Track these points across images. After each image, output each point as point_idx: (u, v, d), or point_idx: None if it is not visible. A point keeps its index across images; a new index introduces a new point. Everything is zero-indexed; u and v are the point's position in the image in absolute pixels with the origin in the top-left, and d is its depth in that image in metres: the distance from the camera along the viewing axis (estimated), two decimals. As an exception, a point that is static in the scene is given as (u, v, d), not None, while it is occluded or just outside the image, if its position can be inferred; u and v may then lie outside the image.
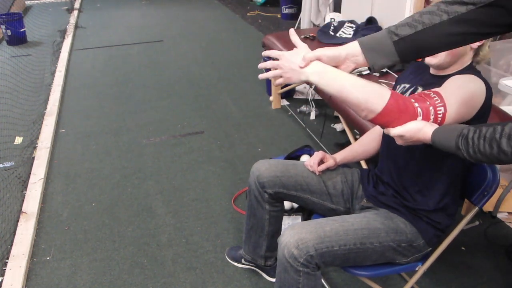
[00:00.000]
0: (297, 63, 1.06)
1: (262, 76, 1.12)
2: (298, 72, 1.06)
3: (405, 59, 1.02)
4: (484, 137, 0.92)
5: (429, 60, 1.30)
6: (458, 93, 1.14)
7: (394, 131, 1.07)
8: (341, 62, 1.05)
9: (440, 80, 1.27)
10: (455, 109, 1.10)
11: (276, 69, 1.11)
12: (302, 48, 1.08)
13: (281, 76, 1.10)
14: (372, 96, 1.02)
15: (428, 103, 1.06)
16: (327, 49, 1.05)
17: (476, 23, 0.94)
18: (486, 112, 1.23)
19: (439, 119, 1.08)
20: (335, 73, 1.04)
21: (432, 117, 1.06)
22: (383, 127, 1.09)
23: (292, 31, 1.14)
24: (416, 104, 1.05)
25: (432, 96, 1.08)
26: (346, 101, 1.05)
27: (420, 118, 1.05)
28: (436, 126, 1.05)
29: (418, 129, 1.04)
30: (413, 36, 0.98)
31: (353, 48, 1.03)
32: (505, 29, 0.96)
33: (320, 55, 1.05)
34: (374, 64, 1.02)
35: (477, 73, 1.26)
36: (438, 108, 1.07)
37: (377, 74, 2.43)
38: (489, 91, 1.22)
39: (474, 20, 0.94)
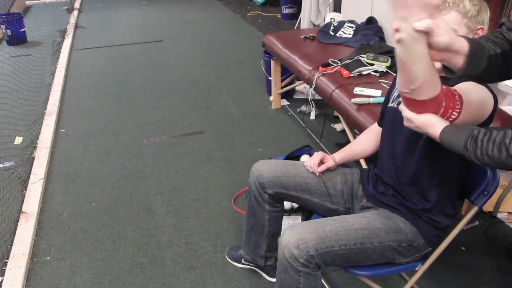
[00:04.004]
0: (415, 13, 0.89)
1: None
2: (404, 17, 0.90)
3: (482, 77, 0.99)
4: (494, 141, 0.90)
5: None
6: (473, 102, 1.12)
7: (409, 115, 1.05)
8: (442, 50, 0.94)
9: (442, 81, 1.26)
10: (466, 118, 1.10)
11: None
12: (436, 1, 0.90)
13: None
14: (429, 85, 0.98)
15: (451, 104, 1.05)
16: (445, 32, 0.92)
17: None
18: (489, 122, 1.23)
19: (449, 121, 1.07)
20: (423, 50, 0.93)
21: (445, 118, 1.06)
22: (405, 104, 1.07)
23: None
24: (444, 103, 1.04)
25: (457, 98, 1.06)
26: (406, 72, 0.97)
27: (439, 115, 1.04)
28: (447, 123, 1.04)
29: (432, 124, 1.03)
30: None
31: (463, 48, 0.94)
32: None
33: (434, 34, 0.91)
34: (464, 70, 0.96)
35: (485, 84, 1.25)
36: (454, 113, 1.05)
37: (377, 74, 2.44)
38: (496, 102, 1.21)
39: None
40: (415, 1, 0.88)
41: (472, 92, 1.15)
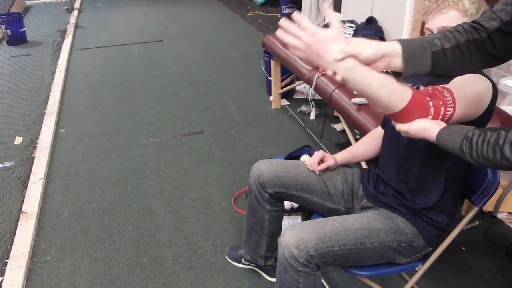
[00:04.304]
0: (329, 51, 0.93)
1: (279, 34, 0.97)
2: (326, 61, 0.95)
3: (435, 73, 1.00)
4: (488, 142, 0.92)
5: None
6: (468, 94, 1.13)
7: (401, 127, 1.06)
8: (375, 60, 0.97)
9: (442, 79, 1.27)
10: (463, 110, 1.10)
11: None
12: (337, 32, 0.95)
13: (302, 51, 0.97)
14: (395, 96, 0.99)
15: (440, 102, 1.05)
16: (366, 45, 0.95)
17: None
18: (490, 111, 1.23)
19: (446, 118, 1.07)
20: (365, 71, 0.96)
21: (440, 116, 1.06)
22: (392, 120, 1.08)
23: (326, 5, 1.05)
24: (430, 103, 1.04)
25: (446, 95, 1.07)
26: (367, 97, 1.01)
27: (430, 117, 1.05)
28: (443, 124, 1.05)
29: (425, 128, 1.04)
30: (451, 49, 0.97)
31: (394, 49, 0.96)
32: None
33: (358, 53, 0.95)
34: (407, 71, 0.98)
35: (482, 72, 1.26)
36: (448, 109, 1.06)
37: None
38: (495, 91, 1.22)
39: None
40: (319, 44, 0.93)
41: (466, 84, 1.16)
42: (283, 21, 0.97)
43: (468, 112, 1.12)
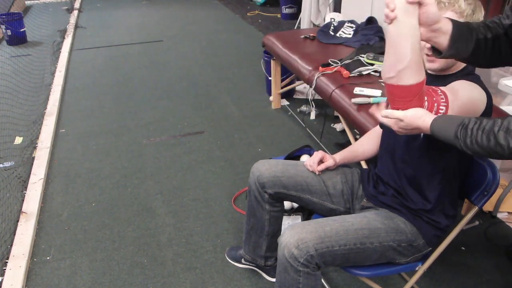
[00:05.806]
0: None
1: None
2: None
3: (470, 60, 1.02)
4: (483, 129, 0.93)
5: (429, 65, 1.29)
6: (462, 97, 1.14)
7: (397, 114, 1.07)
8: (430, 26, 0.98)
9: (439, 80, 1.27)
10: (456, 113, 1.11)
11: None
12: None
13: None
14: (415, 67, 1.01)
15: (434, 98, 1.08)
16: (434, 3, 0.99)
17: None
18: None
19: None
20: (416, 23, 0.97)
21: (434, 113, 1.08)
22: (390, 101, 1.09)
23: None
24: (425, 98, 1.07)
25: (439, 93, 1.09)
26: (396, 50, 1.01)
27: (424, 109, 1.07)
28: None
29: (419, 116, 1.05)
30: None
31: (445, 26, 0.98)
32: None
33: (426, 1, 0.96)
34: (448, 51, 0.99)
35: (479, 81, 1.26)
36: (441, 107, 1.08)
37: (377, 74, 2.43)
38: (490, 100, 1.23)
39: None
40: None
41: (462, 88, 1.18)
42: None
43: (462, 114, 1.13)
